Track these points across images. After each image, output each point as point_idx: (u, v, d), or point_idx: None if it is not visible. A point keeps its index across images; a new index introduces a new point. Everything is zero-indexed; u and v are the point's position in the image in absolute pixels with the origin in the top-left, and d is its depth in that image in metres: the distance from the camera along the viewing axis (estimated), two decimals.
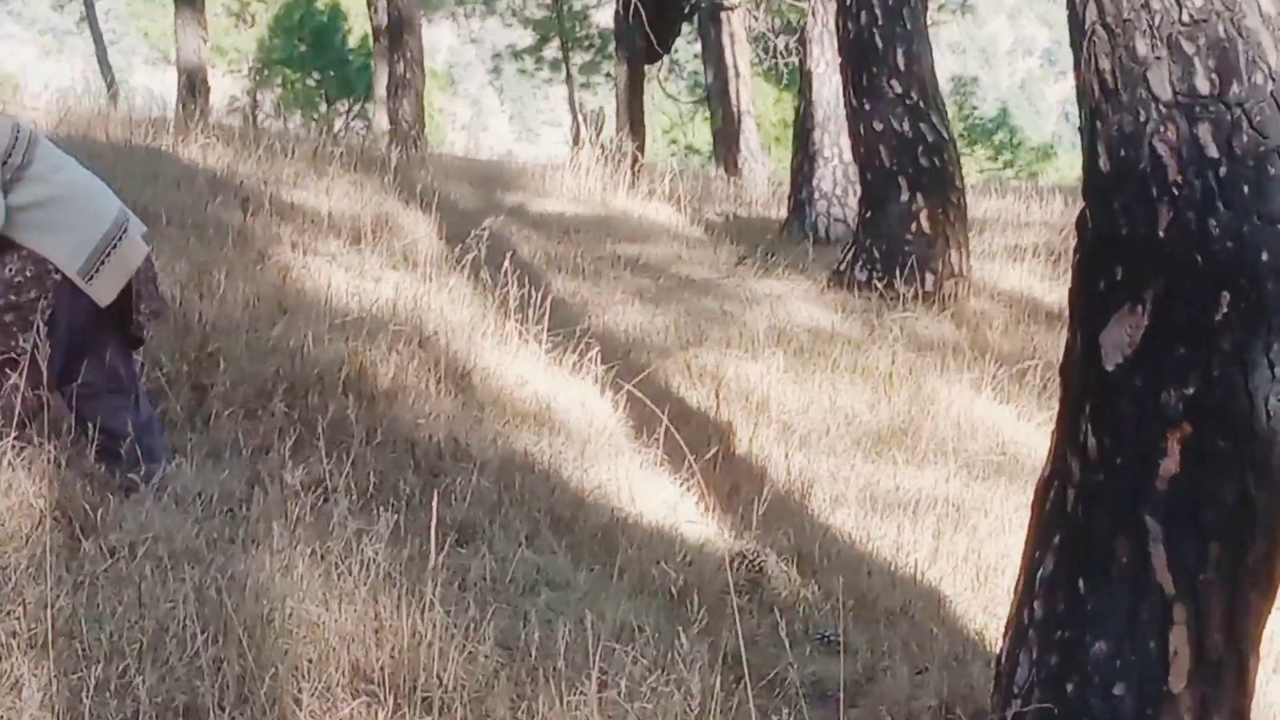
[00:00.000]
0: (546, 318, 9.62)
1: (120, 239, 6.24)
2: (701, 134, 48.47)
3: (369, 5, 32.74)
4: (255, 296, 9.04)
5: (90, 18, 48.36)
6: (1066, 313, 5.17)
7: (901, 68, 13.25)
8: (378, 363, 8.33)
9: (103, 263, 6.14)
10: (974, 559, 7.89)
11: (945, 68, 13.98)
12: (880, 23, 13.26)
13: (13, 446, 5.79)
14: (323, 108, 47.90)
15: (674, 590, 6.55)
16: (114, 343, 6.32)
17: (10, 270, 6.02)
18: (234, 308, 8.72)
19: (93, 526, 5.58)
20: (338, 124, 44.12)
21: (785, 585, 7.08)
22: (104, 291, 6.17)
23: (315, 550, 5.48)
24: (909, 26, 13.34)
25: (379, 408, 7.86)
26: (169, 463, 6.41)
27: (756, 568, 7.14)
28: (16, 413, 5.92)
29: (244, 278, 9.33)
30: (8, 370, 5.95)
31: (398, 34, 26.53)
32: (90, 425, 6.10)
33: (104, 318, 6.24)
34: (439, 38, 72.55)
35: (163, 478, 6.17)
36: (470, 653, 5.04)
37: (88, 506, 5.67)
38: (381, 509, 5.94)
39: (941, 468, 9.21)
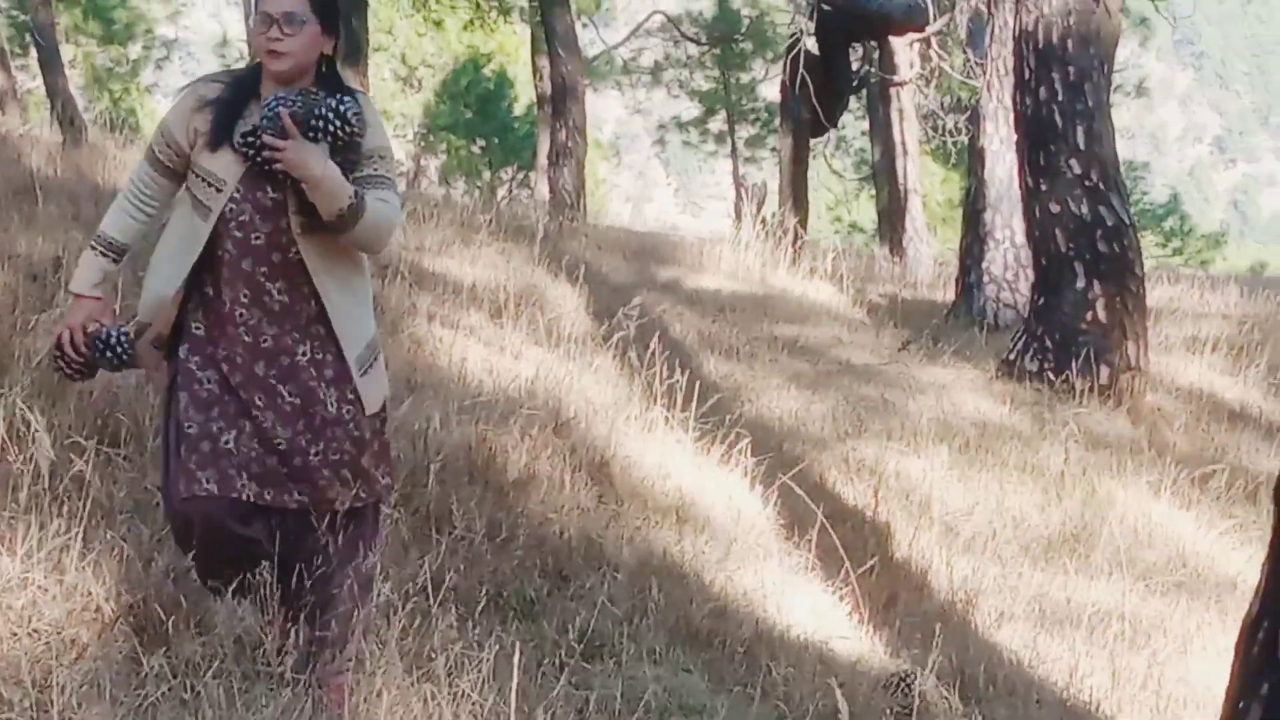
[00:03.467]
0: (695, 403, 9.05)
1: None
2: (866, 212, 47.98)
3: (534, 73, 32.59)
4: None
5: None
6: (1255, 413, 4.47)
7: (1082, 147, 12.56)
8: (508, 449, 7.77)
9: None
10: (1153, 685, 7.22)
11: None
12: (1060, 99, 12.58)
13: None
14: (486, 175, 47.81)
15: (822, 717, 5.91)
16: None
17: None
18: None
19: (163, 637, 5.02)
20: (501, 191, 44.04)
21: (946, 714, 6.39)
22: None
23: (416, 669, 4.90)
24: (1090, 104, 12.65)
25: (506, 499, 7.29)
26: None
27: (915, 692, 6.46)
28: None
29: None
30: None
31: (561, 102, 26.23)
32: None
33: None
34: (606, 108, 72.81)
35: None
36: None
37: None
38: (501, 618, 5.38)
39: (1117, 580, 8.53)
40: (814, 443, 10.27)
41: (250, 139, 4.98)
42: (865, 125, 39.11)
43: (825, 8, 22.30)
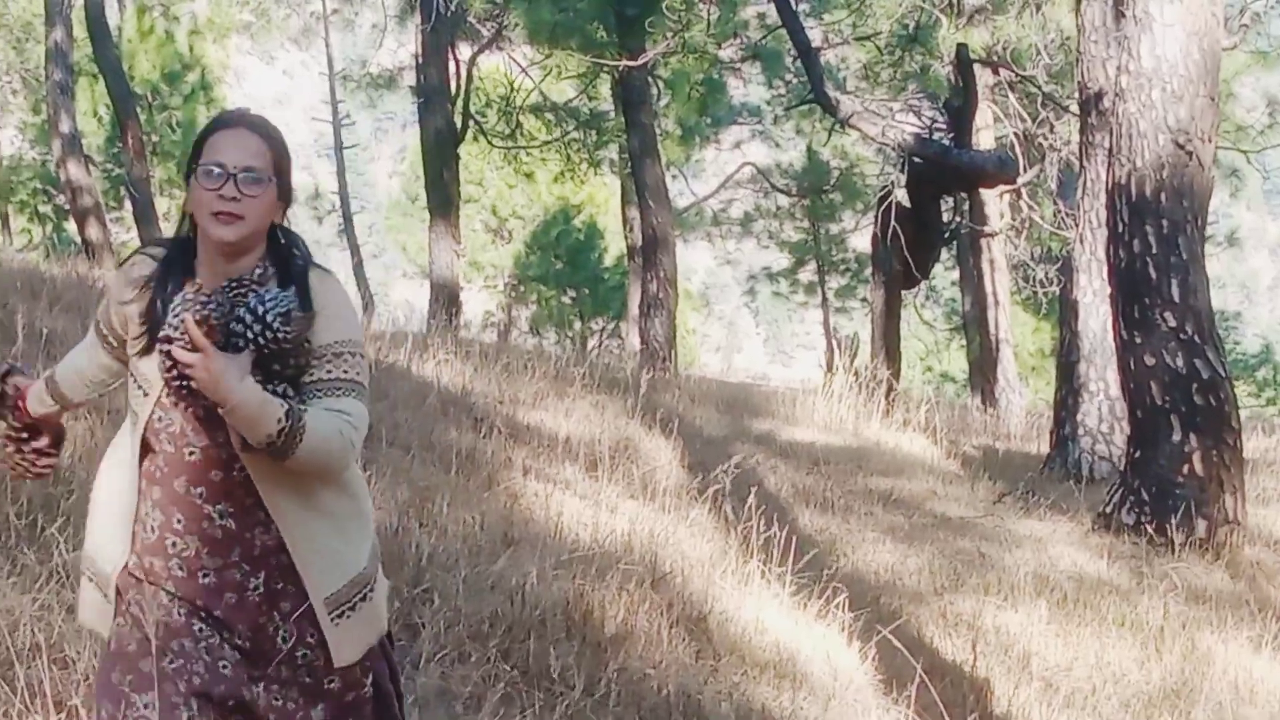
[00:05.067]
0: (792, 557, 9.04)
1: None
2: (957, 362, 47.91)
3: (624, 224, 32.87)
4: (479, 526, 8.58)
5: (348, 231, 49.28)
6: None
7: (1176, 300, 12.52)
8: (606, 604, 7.77)
9: None
10: None
11: None
12: (1154, 252, 12.56)
13: None
14: (577, 325, 48.05)
15: None
16: None
17: None
18: (454, 539, 8.25)
19: None
20: (591, 342, 44.23)
21: None
22: None
23: None
24: (1184, 256, 12.63)
25: (604, 654, 7.28)
26: None
27: None
28: None
29: (468, 505, 8.89)
30: None
31: (652, 253, 26.41)
32: None
33: None
34: (695, 258, 73.02)
35: None
36: None
37: None
38: None
39: None
40: (911, 597, 10.20)
41: (164, 347, 4.05)
42: (956, 275, 39.18)
43: (916, 160, 22.42)
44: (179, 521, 4.15)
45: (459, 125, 30.11)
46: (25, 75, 42.55)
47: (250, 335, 3.95)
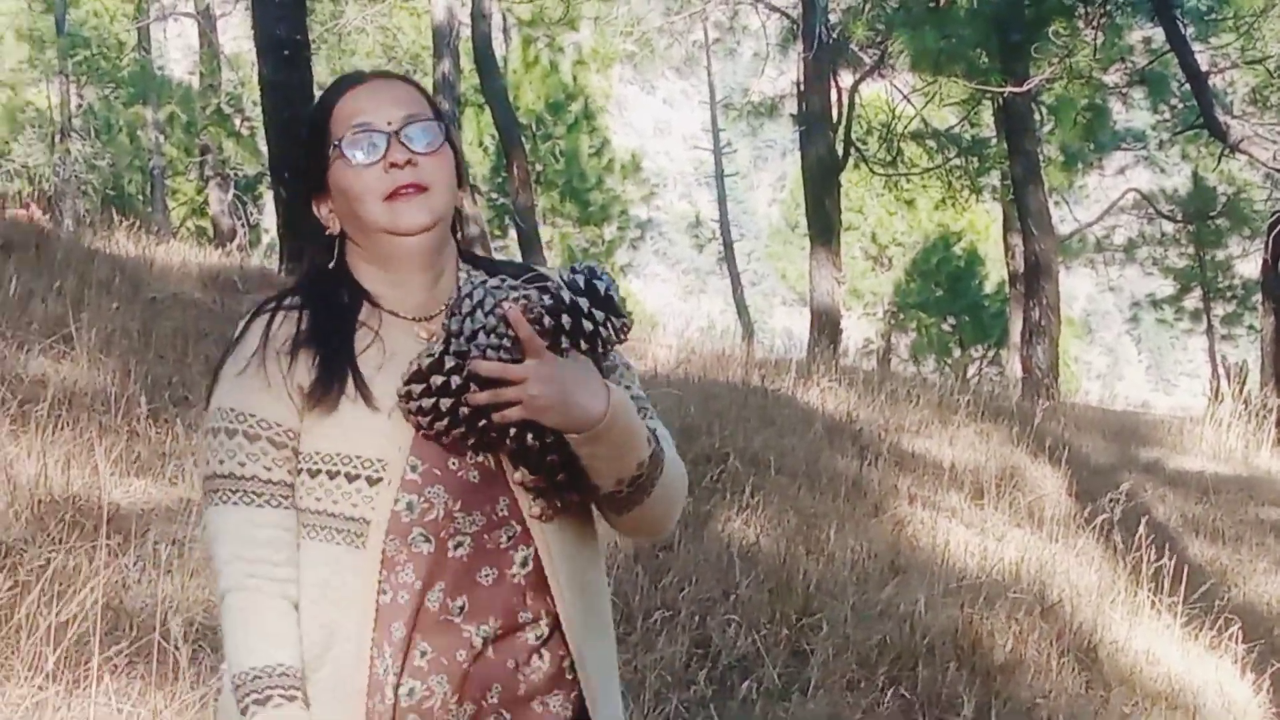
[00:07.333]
0: (1183, 587, 8.95)
1: None
2: None
3: (1006, 251, 32.62)
4: (866, 554, 8.64)
5: (729, 259, 49.65)
6: None
7: None
8: (995, 632, 7.79)
9: None
10: None
11: None
12: None
13: None
14: (956, 353, 47.70)
15: None
16: None
17: None
18: (841, 566, 8.33)
19: None
20: (971, 369, 43.91)
21: None
22: None
23: None
24: None
25: (994, 683, 7.30)
26: None
27: None
28: None
29: (855, 533, 8.95)
30: None
31: (1034, 280, 26.15)
32: None
33: None
34: (1077, 285, 72.03)
35: None
36: None
37: None
38: None
39: None
40: None
41: (439, 381, 2.57)
42: None
43: None
44: (424, 654, 2.67)
45: (840, 152, 30.19)
46: None
47: (590, 327, 2.60)
